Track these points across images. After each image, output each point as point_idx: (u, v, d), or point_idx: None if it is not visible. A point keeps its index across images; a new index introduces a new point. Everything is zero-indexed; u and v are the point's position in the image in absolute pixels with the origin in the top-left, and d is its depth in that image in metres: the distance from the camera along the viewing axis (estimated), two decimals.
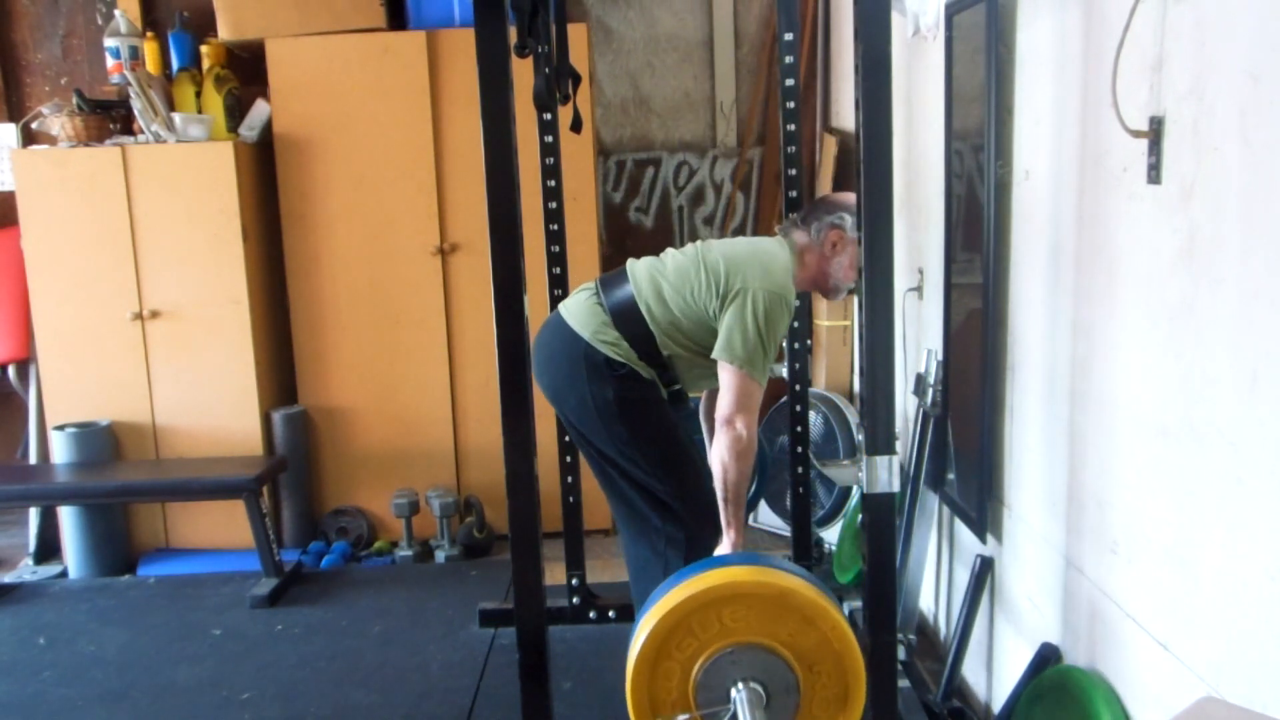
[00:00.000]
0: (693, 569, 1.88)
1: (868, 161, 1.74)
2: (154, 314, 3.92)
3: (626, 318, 2.44)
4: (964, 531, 2.70)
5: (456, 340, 4.08)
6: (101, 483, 3.72)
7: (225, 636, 3.32)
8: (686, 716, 1.77)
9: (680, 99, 4.52)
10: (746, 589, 1.78)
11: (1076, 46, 2.00)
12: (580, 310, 2.49)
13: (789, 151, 2.93)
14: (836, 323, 3.98)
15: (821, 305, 3.97)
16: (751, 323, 2.34)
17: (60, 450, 3.89)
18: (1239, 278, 1.48)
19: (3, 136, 4.30)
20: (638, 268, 2.53)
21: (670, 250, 2.57)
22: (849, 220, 2.48)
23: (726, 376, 2.36)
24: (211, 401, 3.98)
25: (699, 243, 2.56)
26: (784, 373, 3.11)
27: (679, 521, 2.48)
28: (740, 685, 1.77)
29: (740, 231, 4.57)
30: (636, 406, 2.44)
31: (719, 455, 2.35)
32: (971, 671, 2.68)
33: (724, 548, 2.41)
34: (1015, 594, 2.43)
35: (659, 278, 2.47)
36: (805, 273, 2.54)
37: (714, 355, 2.38)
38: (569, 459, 3.01)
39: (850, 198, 2.52)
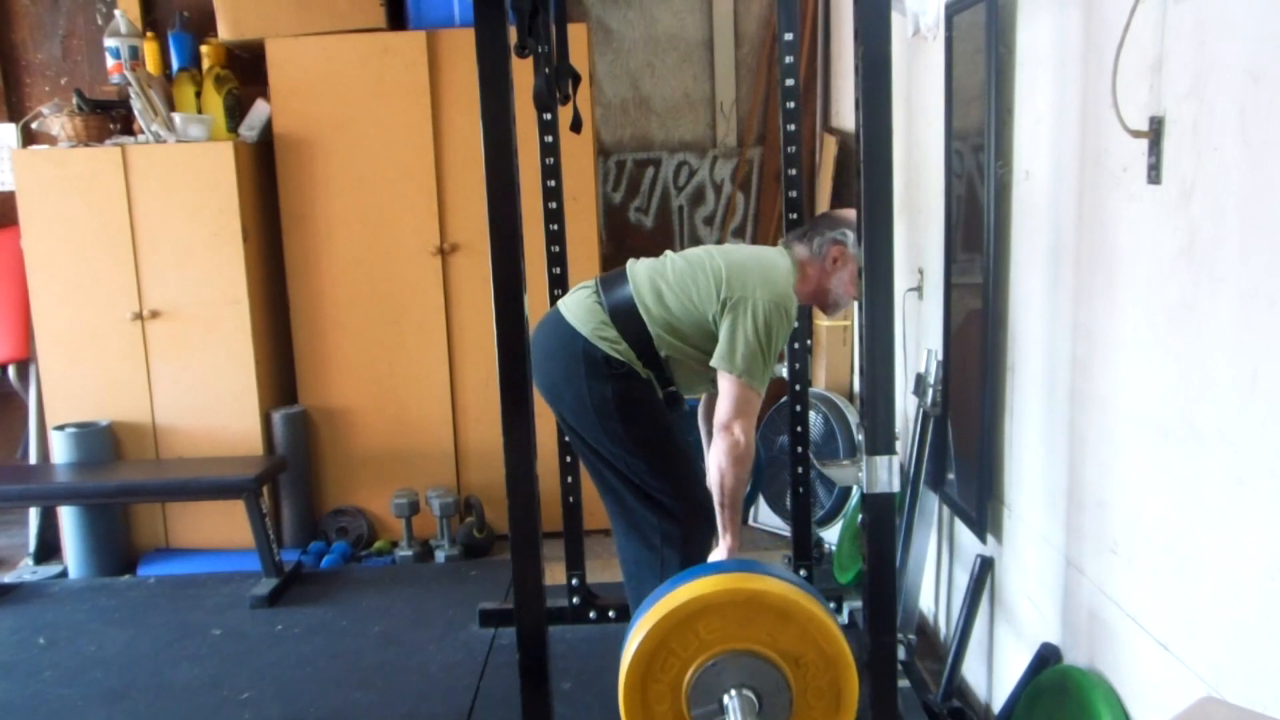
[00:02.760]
0: (663, 588, 1.89)
1: (868, 161, 1.74)
2: (154, 314, 3.92)
3: (625, 317, 2.44)
4: (964, 531, 2.70)
5: (456, 340, 4.08)
6: (101, 483, 3.71)
7: (225, 636, 3.32)
8: None
9: (680, 99, 4.52)
10: (714, 599, 1.78)
11: (1076, 46, 2.00)
12: (579, 308, 2.49)
13: (789, 151, 2.93)
14: (836, 323, 3.98)
15: None
16: (752, 331, 2.35)
17: (60, 450, 3.88)
18: (1239, 278, 1.48)
19: (3, 136, 4.30)
20: (637, 269, 2.53)
21: (670, 253, 2.57)
22: (851, 236, 2.51)
23: (725, 384, 2.37)
24: (211, 401, 3.98)
25: (701, 248, 2.56)
26: (784, 373, 3.11)
27: (674, 518, 2.48)
28: (732, 694, 1.77)
29: (740, 231, 4.57)
30: (634, 404, 2.44)
31: (716, 461, 2.35)
32: (971, 671, 2.68)
33: (719, 552, 2.41)
34: (1015, 594, 2.43)
35: (659, 280, 2.47)
36: (805, 286, 2.55)
37: (713, 363, 2.39)
38: (569, 459, 3.01)
39: (852, 214, 2.53)
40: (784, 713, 1.78)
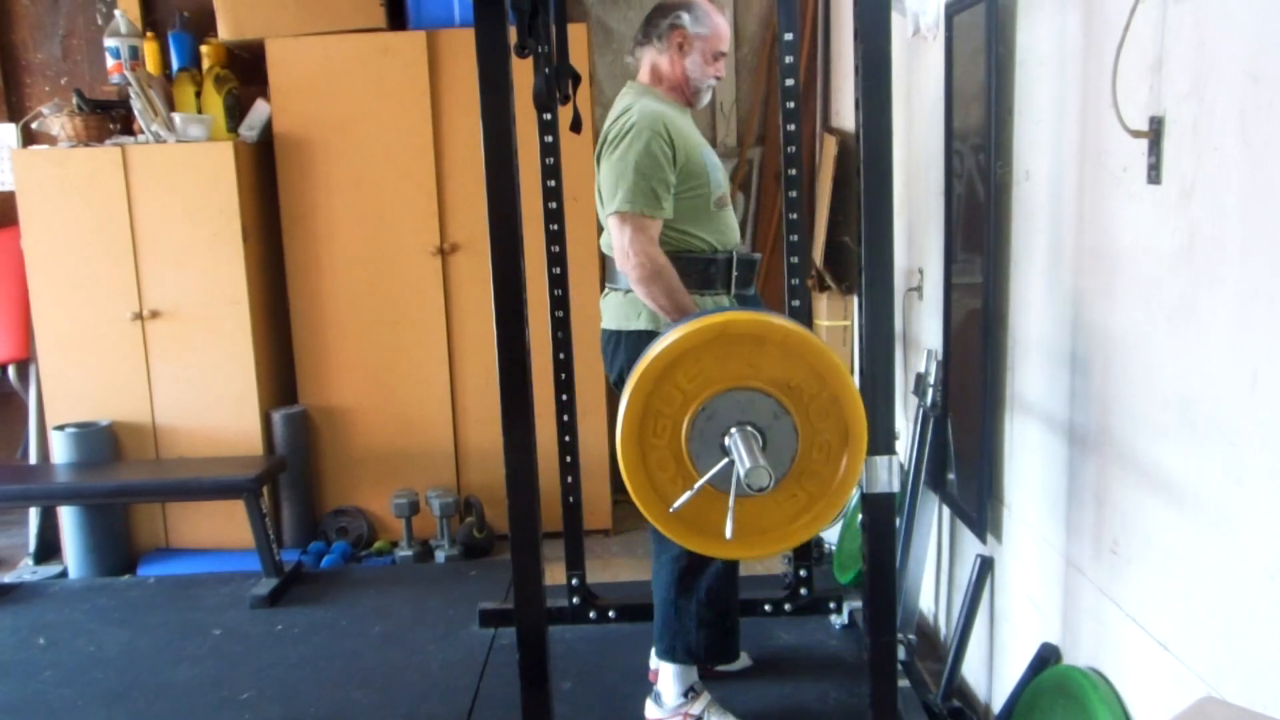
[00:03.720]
0: (636, 361, 1.82)
1: (868, 161, 1.74)
2: (154, 314, 3.92)
3: None
4: (964, 531, 2.70)
5: (456, 340, 4.08)
6: (101, 483, 3.71)
7: (225, 636, 3.32)
8: (693, 490, 1.68)
9: None
10: (683, 345, 1.68)
11: (1076, 46, 2.00)
12: (609, 309, 2.55)
13: (789, 151, 2.93)
14: (836, 323, 3.98)
15: (822, 305, 3.97)
16: (617, 160, 2.34)
17: (60, 450, 3.89)
18: (1239, 278, 1.48)
19: (3, 136, 4.30)
20: (603, 240, 2.58)
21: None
22: (686, 15, 2.47)
23: (611, 226, 2.35)
24: (211, 401, 3.98)
25: None
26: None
27: None
28: (732, 432, 1.68)
29: (740, 231, 4.55)
30: None
31: (640, 292, 2.33)
32: (971, 671, 2.68)
33: None
34: (1015, 594, 2.43)
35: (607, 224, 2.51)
36: (666, 85, 2.52)
37: (605, 218, 2.38)
38: (569, 459, 3.01)
39: None
40: (790, 439, 1.70)
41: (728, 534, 1.65)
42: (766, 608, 3.14)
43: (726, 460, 1.67)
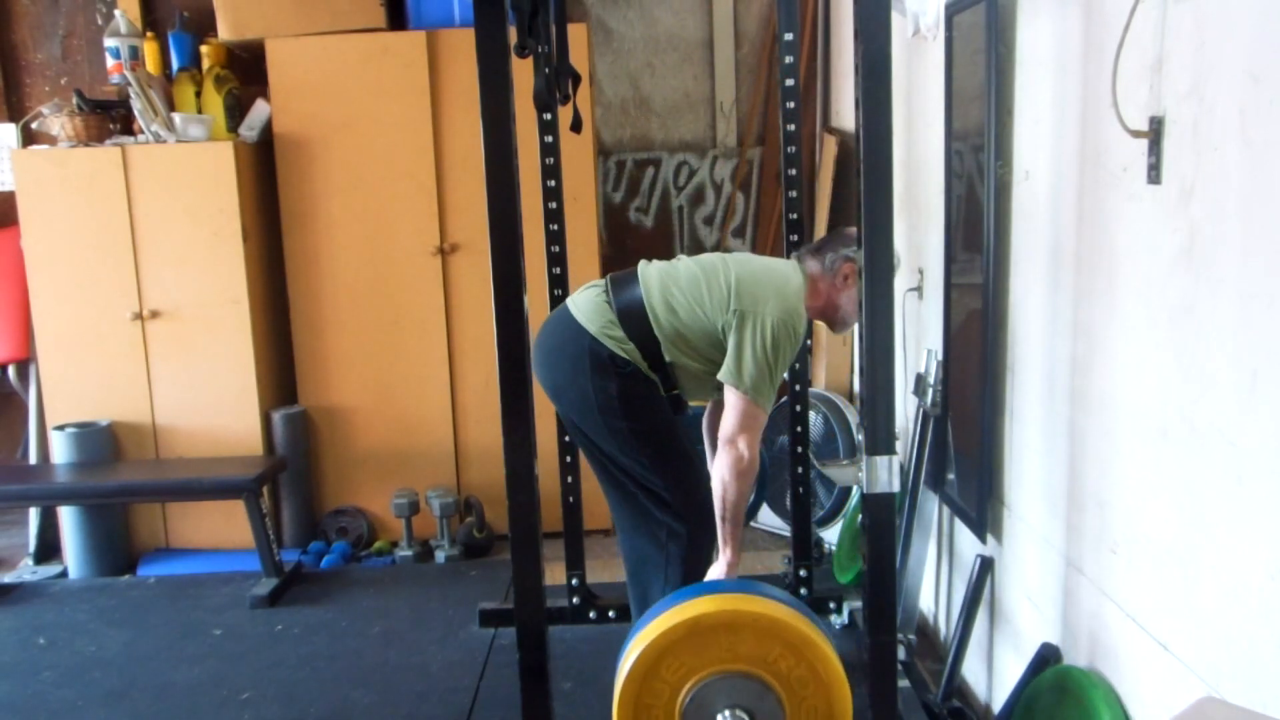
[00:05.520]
0: (624, 646, 1.89)
1: (868, 161, 1.74)
2: (154, 314, 3.92)
3: (633, 320, 2.43)
4: (964, 531, 2.70)
5: (456, 340, 4.08)
6: (101, 483, 3.72)
7: (225, 636, 3.32)
8: None
9: (680, 99, 4.52)
10: (660, 644, 1.78)
11: (1076, 46, 2.00)
12: (589, 306, 2.49)
13: (789, 151, 2.93)
14: None
15: None
16: (760, 348, 2.35)
17: (60, 450, 3.88)
18: (1239, 278, 1.48)
19: (3, 136, 4.30)
20: (649, 271, 2.52)
21: (684, 258, 2.56)
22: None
23: (731, 399, 2.37)
24: (211, 401, 3.98)
25: (716, 255, 2.55)
26: (784, 373, 3.10)
27: (679, 516, 2.48)
28: (725, 715, 1.78)
29: (740, 232, 4.57)
30: (638, 402, 2.43)
31: (719, 474, 2.35)
32: (971, 671, 2.69)
33: (718, 567, 2.40)
34: (1015, 594, 2.43)
35: (670, 285, 2.46)
36: (815, 301, 2.53)
37: (720, 377, 2.38)
38: (569, 459, 3.01)
39: None
40: (778, 713, 1.78)
41: None
42: None
43: None
